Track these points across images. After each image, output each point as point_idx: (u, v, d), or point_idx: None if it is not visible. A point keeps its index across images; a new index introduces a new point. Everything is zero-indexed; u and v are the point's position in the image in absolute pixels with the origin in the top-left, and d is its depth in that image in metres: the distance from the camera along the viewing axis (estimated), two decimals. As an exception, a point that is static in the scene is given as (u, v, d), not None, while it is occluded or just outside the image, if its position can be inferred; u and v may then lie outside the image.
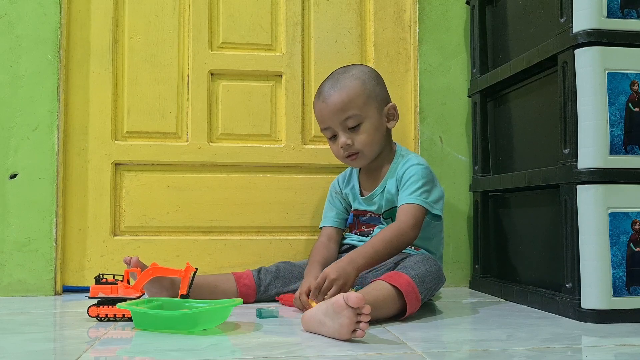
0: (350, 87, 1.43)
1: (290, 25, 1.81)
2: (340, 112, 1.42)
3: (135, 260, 1.32)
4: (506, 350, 0.98)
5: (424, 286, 1.26)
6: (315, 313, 1.09)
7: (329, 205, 1.61)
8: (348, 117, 1.42)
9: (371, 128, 1.44)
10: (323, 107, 1.45)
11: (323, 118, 1.46)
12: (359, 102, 1.43)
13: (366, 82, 1.45)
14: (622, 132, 1.24)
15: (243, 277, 1.47)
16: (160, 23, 1.77)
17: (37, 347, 1.02)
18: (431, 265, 1.32)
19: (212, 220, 1.75)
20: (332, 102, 1.43)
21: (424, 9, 1.82)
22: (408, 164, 1.46)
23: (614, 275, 1.22)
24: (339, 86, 1.44)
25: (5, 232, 1.63)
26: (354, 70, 1.48)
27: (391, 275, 1.24)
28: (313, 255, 1.48)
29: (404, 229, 1.35)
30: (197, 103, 1.76)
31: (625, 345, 1.03)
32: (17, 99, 1.65)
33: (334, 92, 1.43)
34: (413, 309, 1.24)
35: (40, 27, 1.67)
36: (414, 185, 1.41)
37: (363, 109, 1.43)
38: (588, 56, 1.24)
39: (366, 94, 1.44)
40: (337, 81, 1.45)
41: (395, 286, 1.21)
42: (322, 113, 1.46)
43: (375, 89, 1.46)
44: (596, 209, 1.22)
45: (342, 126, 1.43)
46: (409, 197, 1.40)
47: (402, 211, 1.40)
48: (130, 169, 1.74)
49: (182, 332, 1.12)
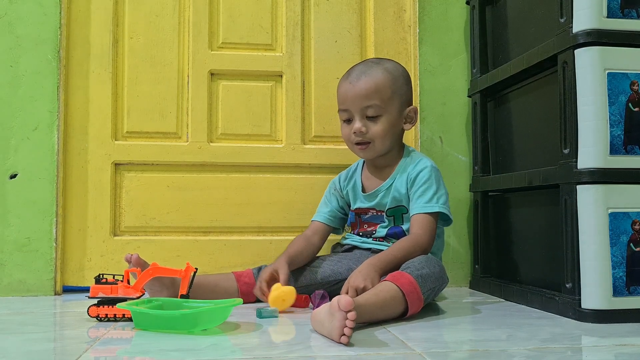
0: (380, 78, 1.45)
1: (290, 25, 1.81)
2: (365, 98, 1.44)
3: (135, 257, 1.33)
4: (506, 350, 0.98)
5: (426, 286, 1.26)
6: (319, 312, 1.09)
7: (324, 200, 1.61)
8: (370, 105, 1.44)
9: (388, 123, 1.45)
10: (349, 89, 1.46)
11: (345, 99, 1.47)
12: (385, 95, 1.44)
13: (397, 78, 1.47)
14: (622, 132, 1.24)
15: (243, 276, 1.47)
16: (160, 23, 1.77)
17: (37, 347, 1.02)
18: (435, 266, 1.32)
19: (212, 220, 1.75)
20: (359, 86, 1.44)
21: (424, 9, 1.82)
22: (421, 165, 1.46)
23: (614, 275, 1.22)
24: (370, 73, 1.45)
25: (5, 232, 1.63)
26: (388, 64, 1.50)
27: (395, 275, 1.25)
28: (288, 246, 1.50)
29: (421, 242, 1.38)
30: (197, 103, 1.76)
31: (625, 345, 1.03)
32: (17, 98, 1.65)
33: (364, 77, 1.45)
34: (415, 309, 1.24)
35: (40, 27, 1.67)
36: (429, 192, 1.43)
37: (386, 102, 1.45)
38: (588, 56, 1.24)
39: (393, 89, 1.46)
40: (370, 68, 1.47)
41: (398, 286, 1.21)
42: (346, 94, 1.46)
43: (402, 87, 1.48)
44: (596, 209, 1.22)
45: (362, 113, 1.45)
46: (424, 206, 1.42)
47: (418, 222, 1.41)
48: (130, 169, 1.74)
49: (182, 332, 1.12)
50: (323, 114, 1.80)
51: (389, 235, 1.49)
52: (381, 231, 1.50)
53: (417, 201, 1.43)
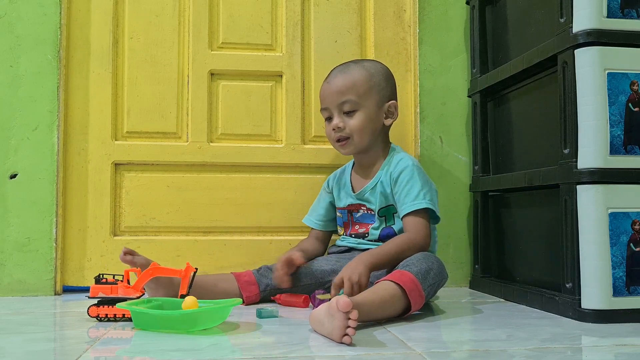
0: (356, 75, 1.49)
1: (290, 25, 1.81)
2: (339, 94, 1.48)
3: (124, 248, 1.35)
4: (506, 350, 0.98)
5: (427, 282, 1.27)
6: (319, 312, 1.09)
7: (316, 201, 1.66)
8: (345, 101, 1.48)
9: (365, 117, 1.49)
10: (326, 88, 1.53)
11: (324, 97, 1.53)
12: (360, 91, 1.48)
13: (374, 75, 1.51)
14: (622, 132, 1.24)
15: (243, 275, 1.48)
16: (160, 23, 1.77)
17: (37, 347, 1.02)
18: (433, 262, 1.32)
19: (212, 220, 1.75)
20: (334, 84, 1.50)
21: (424, 9, 1.82)
22: (402, 164, 1.48)
23: (614, 275, 1.22)
24: (346, 71, 1.51)
25: (5, 232, 1.63)
26: (367, 63, 1.55)
27: (394, 274, 1.25)
28: (300, 243, 1.62)
29: (416, 240, 1.39)
30: (197, 103, 1.76)
31: (625, 345, 1.03)
32: (17, 99, 1.65)
33: (340, 75, 1.51)
34: (417, 306, 1.24)
35: (40, 27, 1.67)
36: (413, 190, 1.44)
37: (362, 97, 1.48)
38: (588, 56, 1.24)
39: (370, 85, 1.49)
40: (347, 67, 1.53)
41: (398, 284, 1.21)
42: (324, 93, 1.53)
43: (381, 83, 1.51)
44: (596, 209, 1.22)
45: (338, 109, 1.49)
46: (412, 204, 1.43)
47: (410, 222, 1.43)
48: (130, 169, 1.74)
49: (181, 332, 1.12)
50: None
51: (382, 238, 1.49)
52: (374, 233, 1.51)
53: (404, 201, 1.44)
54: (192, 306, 1.15)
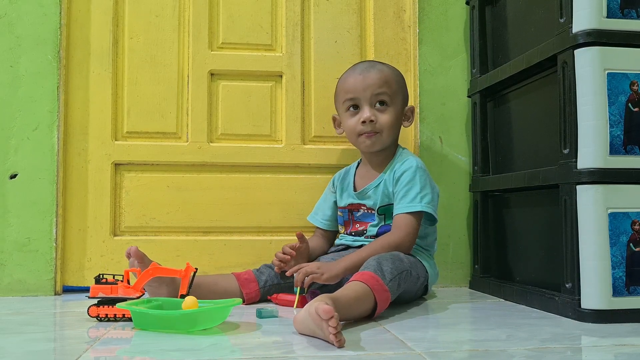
0: (388, 72, 1.53)
1: (290, 26, 1.81)
2: (376, 86, 1.49)
3: (134, 249, 1.33)
4: (506, 350, 0.98)
5: (388, 276, 1.25)
6: (304, 318, 1.08)
7: (322, 200, 1.66)
8: (382, 92, 1.49)
9: (395, 115, 1.51)
10: (359, 79, 1.51)
11: (355, 88, 1.50)
12: (393, 87, 1.51)
13: (399, 76, 1.56)
14: (621, 132, 1.24)
15: (243, 273, 1.48)
16: (160, 23, 1.77)
17: (37, 347, 1.02)
18: (396, 257, 1.32)
19: (212, 220, 1.75)
20: (370, 76, 1.50)
21: (424, 9, 1.82)
22: (406, 164, 1.49)
23: (613, 275, 1.22)
24: (378, 68, 1.53)
25: (5, 232, 1.63)
26: (388, 66, 1.58)
27: (355, 275, 1.25)
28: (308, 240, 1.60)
29: (395, 241, 1.40)
30: (197, 103, 1.76)
31: (625, 345, 1.03)
32: (17, 99, 1.65)
33: (373, 70, 1.52)
34: (383, 299, 1.22)
35: (40, 27, 1.67)
36: (412, 191, 1.45)
37: (394, 94, 1.51)
38: (588, 56, 1.25)
39: (399, 84, 1.54)
40: (375, 65, 1.55)
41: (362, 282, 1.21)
42: (355, 85, 1.51)
43: (403, 87, 1.57)
44: (596, 209, 1.22)
45: (371, 101, 1.50)
46: (407, 205, 1.44)
47: (397, 222, 1.44)
48: (130, 169, 1.74)
49: (181, 332, 1.12)
50: (323, 114, 1.80)
51: (380, 234, 1.49)
52: (372, 230, 1.52)
53: (400, 201, 1.45)
54: (192, 306, 1.15)
